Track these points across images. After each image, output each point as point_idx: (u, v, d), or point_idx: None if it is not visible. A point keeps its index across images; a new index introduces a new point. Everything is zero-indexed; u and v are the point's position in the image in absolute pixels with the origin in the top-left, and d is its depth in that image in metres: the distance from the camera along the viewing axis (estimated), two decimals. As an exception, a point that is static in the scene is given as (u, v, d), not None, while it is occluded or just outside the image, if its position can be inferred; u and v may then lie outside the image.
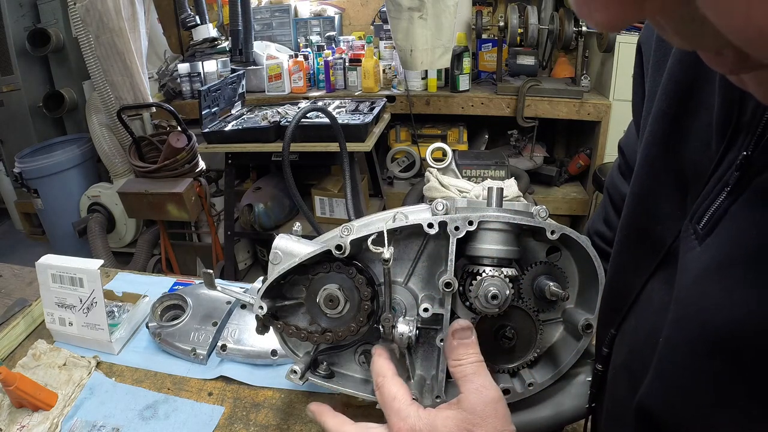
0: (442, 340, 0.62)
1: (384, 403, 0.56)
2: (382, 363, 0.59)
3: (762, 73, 0.27)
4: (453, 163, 0.90)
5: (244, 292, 0.79)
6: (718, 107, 0.42)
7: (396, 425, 0.52)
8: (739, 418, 0.37)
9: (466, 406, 0.51)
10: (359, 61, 3.18)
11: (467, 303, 0.62)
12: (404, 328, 0.61)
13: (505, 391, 0.62)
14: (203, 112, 2.54)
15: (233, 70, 3.07)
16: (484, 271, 0.57)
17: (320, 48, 3.34)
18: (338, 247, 0.60)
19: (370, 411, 0.76)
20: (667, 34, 0.26)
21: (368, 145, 2.47)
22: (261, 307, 0.64)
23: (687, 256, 0.43)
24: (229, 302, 1.01)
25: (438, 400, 0.61)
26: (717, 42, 0.24)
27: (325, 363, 0.69)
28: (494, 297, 0.56)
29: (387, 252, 0.57)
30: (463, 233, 0.58)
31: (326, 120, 1.22)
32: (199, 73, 3.29)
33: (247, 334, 0.94)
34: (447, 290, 0.59)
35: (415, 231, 0.62)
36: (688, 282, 0.42)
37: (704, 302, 0.39)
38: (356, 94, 3.20)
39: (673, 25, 0.25)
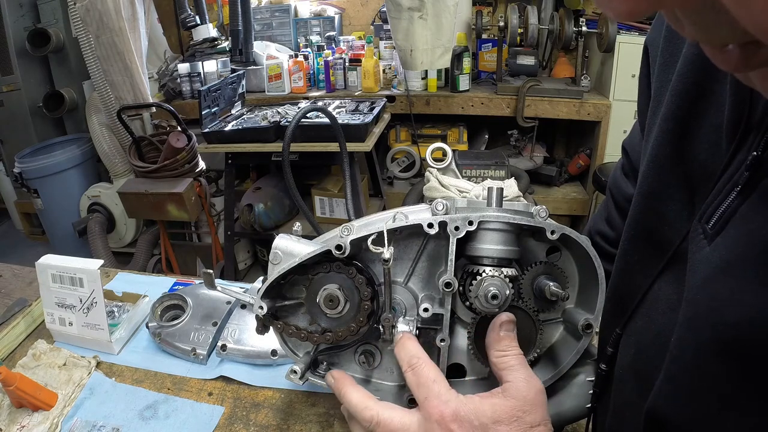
0: (442, 340, 0.62)
1: (421, 385, 0.52)
2: (414, 345, 0.56)
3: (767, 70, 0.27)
4: (453, 163, 0.90)
5: (244, 292, 0.79)
6: (729, 108, 0.42)
7: (436, 408, 0.49)
8: (752, 420, 0.37)
9: (516, 395, 0.50)
10: (359, 61, 3.17)
11: (467, 303, 0.62)
12: (404, 328, 0.61)
13: (505, 391, 0.62)
14: (203, 112, 2.54)
15: (233, 70, 3.07)
16: (484, 271, 0.57)
17: (320, 48, 3.34)
18: (338, 247, 0.60)
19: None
20: (680, 26, 0.27)
21: (368, 145, 2.47)
22: (261, 307, 0.64)
23: (696, 256, 0.43)
24: (229, 302, 1.01)
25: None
26: (732, 34, 0.24)
27: (325, 363, 0.69)
28: (494, 297, 0.56)
29: (387, 252, 0.57)
30: (463, 233, 0.58)
31: (326, 120, 1.22)
32: (199, 73, 3.29)
33: (247, 334, 0.94)
34: (447, 290, 0.59)
35: (415, 231, 0.62)
36: (697, 282, 0.42)
37: (715, 302, 0.39)
38: (356, 94, 3.20)
39: (689, 17, 0.25)
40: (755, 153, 0.39)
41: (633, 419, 0.49)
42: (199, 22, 3.01)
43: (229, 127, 2.63)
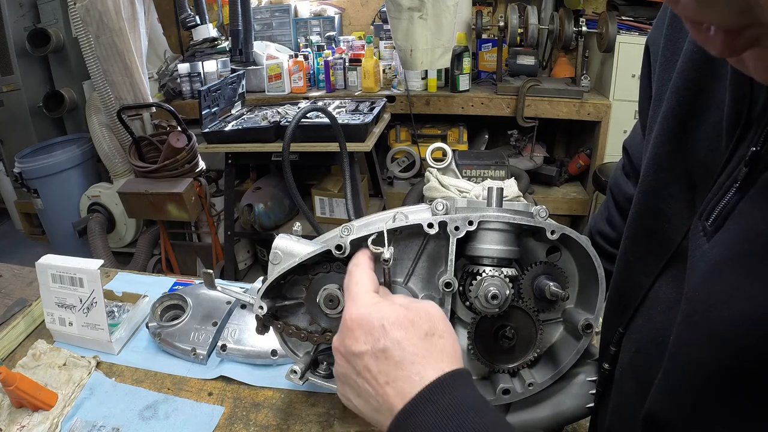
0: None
1: (347, 287, 0.55)
2: (361, 256, 0.59)
3: (759, 51, 0.27)
4: (453, 163, 0.90)
5: (244, 292, 0.79)
6: (729, 104, 0.42)
7: (348, 311, 0.52)
8: (748, 417, 0.37)
9: (412, 306, 0.52)
10: (359, 61, 3.17)
11: (467, 303, 0.62)
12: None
13: (505, 391, 0.62)
14: (203, 112, 2.54)
15: (233, 70, 3.07)
16: (484, 271, 0.57)
17: (320, 48, 3.34)
18: (338, 247, 0.60)
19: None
20: (674, 1, 0.27)
21: (368, 145, 2.47)
22: (261, 307, 0.64)
23: (696, 253, 0.43)
24: (229, 302, 1.01)
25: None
26: (726, 12, 0.25)
27: (325, 363, 0.69)
28: (494, 297, 0.56)
29: (387, 252, 0.57)
30: (463, 233, 0.58)
31: (326, 120, 1.22)
32: (199, 73, 3.29)
33: (247, 334, 0.94)
34: (447, 290, 0.59)
35: (415, 231, 0.62)
36: (697, 279, 0.42)
37: (713, 299, 0.39)
38: (356, 94, 3.20)
39: None
40: (754, 148, 0.39)
41: (632, 418, 0.49)
42: (199, 22, 3.01)
43: (229, 127, 2.63)
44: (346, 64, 3.22)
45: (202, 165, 2.85)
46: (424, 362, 0.48)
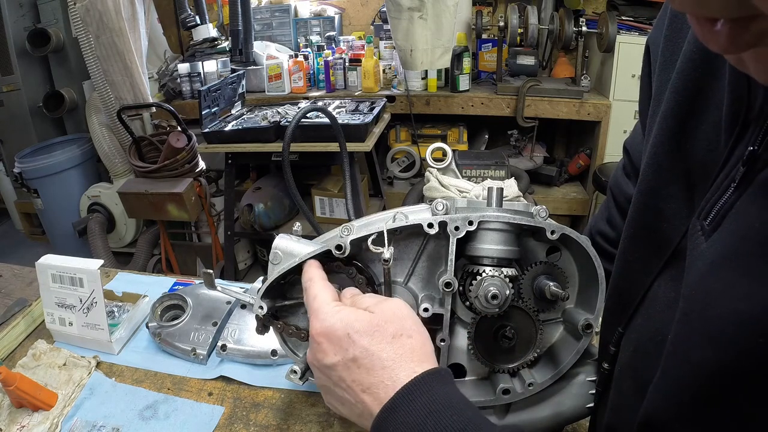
0: (442, 340, 0.62)
1: (308, 303, 0.56)
2: (312, 270, 0.60)
3: (760, 51, 0.27)
4: (453, 163, 0.90)
5: (244, 292, 0.79)
6: (727, 104, 0.42)
7: (314, 326, 0.53)
8: (745, 416, 0.37)
9: (377, 309, 0.53)
10: (359, 61, 3.17)
11: (467, 303, 0.62)
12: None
13: (505, 391, 0.62)
14: (203, 112, 2.54)
15: (233, 70, 3.07)
16: (484, 271, 0.57)
17: (320, 48, 3.34)
18: (338, 247, 0.60)
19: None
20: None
21: (368, 145, 2.47)
22: (261, 307, 0.64)
23: (694, 252, 0.43)
24: (229, 302, 1.01)
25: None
26: (724, 4, 0.25)
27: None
28: (494, 297, 0.56)
29: (387, 252, 0.57)
30: (463, 233, 0.58)
31: (326, 120, 1.22)
32: (199, 73, 3.29)
33: (247, 334, 0.94)
34: (447, 290, 0.59)
35: (415, 231, 0.62)
36: (694, 278, 0.42)
37: (709, 297, 0.39)
38: (356, 94, 3.20)
39: None
40: (751, 148, 0.39)
41: (630, 418, 0.49)
42: (199, 22, 3.01)
43: (229, 127, 2.63)
44: (346, 64, 3.22)
45: (202, 165, 2.85)
46: (394, 366, 0.48)
